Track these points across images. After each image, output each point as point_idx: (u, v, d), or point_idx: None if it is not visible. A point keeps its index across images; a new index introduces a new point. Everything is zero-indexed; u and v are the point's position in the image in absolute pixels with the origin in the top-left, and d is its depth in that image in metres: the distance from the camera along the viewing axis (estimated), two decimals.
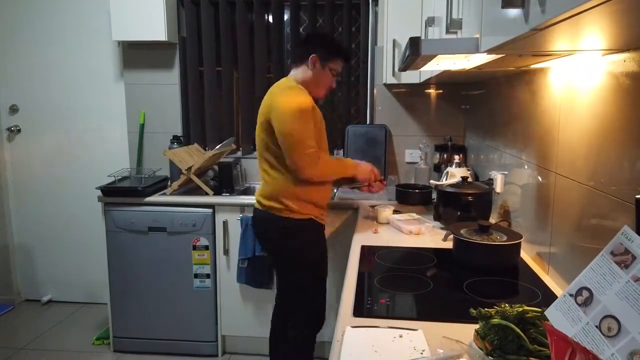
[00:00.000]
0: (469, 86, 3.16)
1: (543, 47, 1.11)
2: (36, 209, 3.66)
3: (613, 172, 1.21)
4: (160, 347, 2.97)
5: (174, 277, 2.88)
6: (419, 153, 3.10)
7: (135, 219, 2.85)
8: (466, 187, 2.10)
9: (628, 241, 0.78)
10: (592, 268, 0.83)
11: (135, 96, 3.43)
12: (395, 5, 2.78)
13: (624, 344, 0.76)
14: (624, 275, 0.78)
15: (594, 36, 0.95)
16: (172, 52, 3.36)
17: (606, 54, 1.23)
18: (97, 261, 3.07)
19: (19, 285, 3.76)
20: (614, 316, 0.78)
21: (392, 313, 1.32)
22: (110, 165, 3.36)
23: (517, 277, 1.61)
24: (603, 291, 0.80)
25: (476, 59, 1.39)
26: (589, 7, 0.62)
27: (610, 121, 1.23)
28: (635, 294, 0.76)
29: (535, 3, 0.74)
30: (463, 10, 1.48)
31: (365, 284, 1.55)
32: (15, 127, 3.59)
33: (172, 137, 3.23)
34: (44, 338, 3.21)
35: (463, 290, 1.48)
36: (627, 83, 1.15)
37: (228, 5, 3.27)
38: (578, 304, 0.84)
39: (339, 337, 1.18)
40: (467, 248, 1.67)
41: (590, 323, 0.81)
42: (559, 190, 1.55)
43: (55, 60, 3.49)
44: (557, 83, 1.59)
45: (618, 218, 1.18)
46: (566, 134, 1.50)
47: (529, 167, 1.85)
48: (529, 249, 1.80)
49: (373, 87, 3.31)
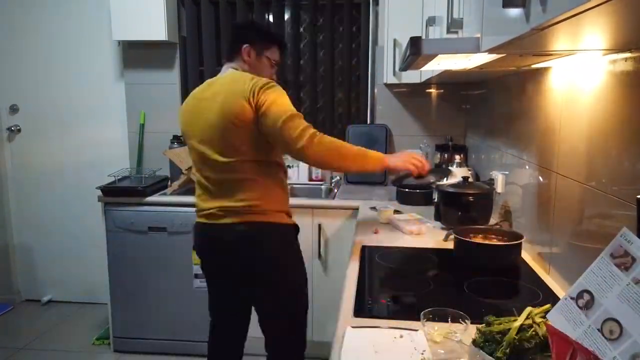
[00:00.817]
0: (470, 86, 3.15)
1: (544, 46, 1.11)
2: (36, 208, 3.66)
3: (614, 172, 1.21)
4: (161, 347, 2.97)
5: (174, 277, 2.88)
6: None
7: (136, 219, 2.84)
8: (467, 187, 2.10)
9: (628, 243, 0.77)
10: (593, 271, 0.82)
11: (135, 96, 3.43)
12: (396, 4, 2.78)
13: (625, 347, 0.76)
14: (624, 277, 0.77)
15: (595, 36, 0.95)
16: (172, 52, 3.36)
17: (607, 54, 1.23)
18: (97, 261, 3.07)
19: (19, 285, 3.76)
20: (616, 319, 0.78)
21: (392, 313, 1.32)
22: (110, 165, 3.36)
23: (518, 277, 1.61)
24: (604, 294, 0.80)
25: (477, 59, 1.39)
26: (589, 6, 0.61)
27: (611, 121, 1.22)
28: (637, 297, 0.76)
29: (536, 3, 0.74)
30: (464, 10, 1.48)
31: (366, 284, 1.54)
32: (15, 126, 3.58)
33: (172, 137, 3.22)
34: (43, 338, 3.21)
35: (464, 291, 1.47)
36: (628, 83, 1.15)
37: (228, 4, 3.26)
38: (579, 307, 0.83)
39: (340, 338, 1.18)
40: (468, 248, 1.67)
41: (592, 326, 0.81)
42: (560, 190, 1.54)
43: (55, 60, 3.49)
44: (558, 83, 1.59)
45: (619, 218, 1.17)
46: (567, 133, 1.50)
47: (530, 167, 1.85)
48: (529, 249, 1.80)
49: (374, 87, 3.30)
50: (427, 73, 2.47)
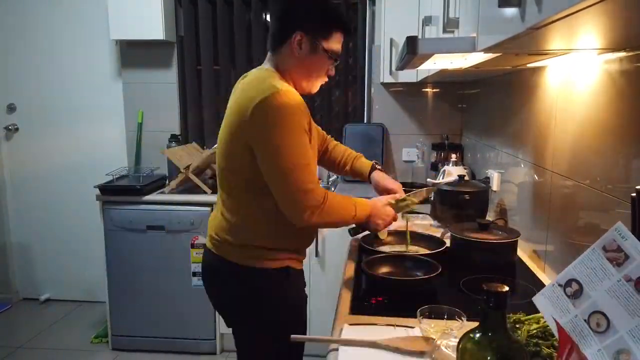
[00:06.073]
0: (466, 85, 3.17)
1: (539, 46, 1.12)
2: (34, 207, 3.66)
3: (609, 170, 1.22)
4: (159, 345, 2.97)
5: (172, 275, 2.88)
6: (416, 152, 3.11)
7: (134, 218, 2.85)
8: (463, 186, 2.11)
9: (621, 239, 0.78)
10: (583, 261, 0.83)
11: (133, 95, 3.43)
12: (393, 4, 2.79)
13: (611, 342, 0.77)
14: (615, 273, 0.78)
15: (590, 35, 0.95)
16: (170, 51, 3.36)
17: (602, 53, 1.24)
18: (95, 260, 3.07)
19: (17, 283, 3.75)
20: (604, 313, 0.79)
21: (389, 311, 1.33)
22: (109, 164, 3.35)
23: (514, 275, 1.62)
24: (593, 286, 0.81)
25: (473, 58, 1.40)
26: (584, 6, 0.62)
27: (606, 120, 1.23)
28: (627, 294, 0.76)
29: (531, 2, 0.75)
30: (460, 10, 1.49)
31: (363, 282, 1.55)
32: (13, 125, 3.58)
33: (170, 135, 3.23)
34: (41, 337, 3.21)
35: (460, 288, 1.49)
36: (622, 82, 1.16)
37: (226, 4, 3.26)
38: (567, 295, 0.84)
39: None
40: (464, 246, 1.68)
41: (578, 316, 0.82)
42: (555, 188, 1.56)
43: (53, 59, 3.49)
44: (554, 82, 1.60)
45: (614, 216, 1.19)
46: (562, 132, 1.51)
47: (525, 166, 1.86)
48: (525, 246, 1.81)
49: (370, 86, 3.31)
50: (423, 72, 2.48)
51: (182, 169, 2.91)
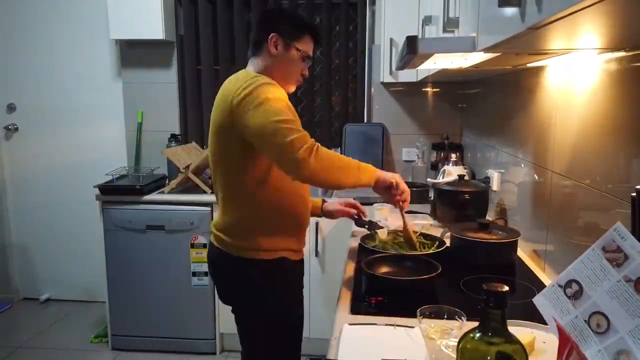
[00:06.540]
0: (466, 85, 3.17)
1: (539, 45, 1.12)
2: (34, 207, 3.66)
3: (609, 170, 1.22)
4: (159, 345, 2.97)
5: (172, 275, 2.88)
6: (416, 151, 3.11)
7: (133, 218, 2.85)
8: (463, 185, 2.11)
9: (621, 239, 0.78)
10: (582, 261, 0.83)
11: (133, 95, 3.43)
12: (393, 4, 2.79)
13: (612, 342, 0.77)
14: (615, 274, 0.78)
15: (590, 35, 0.95)
16: (169, 51, 3.36)
17: (602, 53, 1.24)
18: (95, 259, 3.07)
19: (17, 283, 3.75)
20: (604, 313, 0.79)
21: (389, 310, 1.33)
22: (108, 163, 3.35)
23: (514, 275, 1.62)
24: (593, 287, 0.81)
25: (473, 58, 1.40)
26: (584, 6, 0.62)
27: (606, 120, 1.23)
28: (627, 295, 0.76)
29: (531, 2, 0.75)
30: (460, 9, 1.49)
31: (363, 282, 1.55)
32: (12, 125, 3.58)
33: (170, 135, 3.23)
34: (41, 336, 3.21)
35: (460, 288, 1.49)
36: (622, 81, 1.16)
37: (226, 3, 3.26)
38: (567, 296, 0.84)
39: (337, 335, 1.19)
40: (465, 245, 1.68)
41: (579, 317, 0.82)
42: (555, 188, 1.56)
43: (52, 59, 3.49)
44: (554, 81, 1.60)
45: (614, 216, 1.18)
46: (562, 132, 1.51)
47: (525, 166, 1.86)
48: (525, 246, 1.81)
49: (370, 86, 3.31)
50: (423, 72, 2.48)
51: (181, 168, 2.91)
